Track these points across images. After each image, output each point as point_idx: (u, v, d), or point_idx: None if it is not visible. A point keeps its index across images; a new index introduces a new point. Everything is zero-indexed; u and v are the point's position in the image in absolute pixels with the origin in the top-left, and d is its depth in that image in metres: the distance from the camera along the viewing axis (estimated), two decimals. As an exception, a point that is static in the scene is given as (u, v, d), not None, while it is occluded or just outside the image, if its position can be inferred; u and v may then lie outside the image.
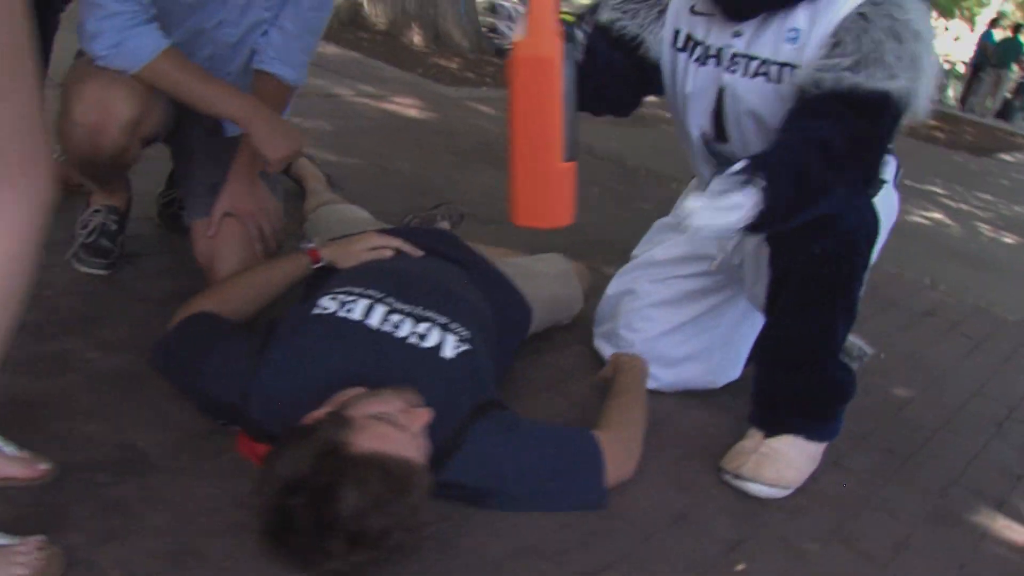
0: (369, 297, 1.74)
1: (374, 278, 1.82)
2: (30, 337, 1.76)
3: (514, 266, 2.29)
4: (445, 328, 1.73)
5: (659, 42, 2.01)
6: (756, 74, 1.87)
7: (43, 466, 1.45)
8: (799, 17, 1.80)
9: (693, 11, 1.94)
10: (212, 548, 1.41)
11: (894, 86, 1.70)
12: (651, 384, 2.11)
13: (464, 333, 1.74)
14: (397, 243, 2.00)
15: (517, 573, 1.53)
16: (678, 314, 2.23)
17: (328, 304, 1.72)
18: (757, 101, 1.88)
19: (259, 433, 1.58)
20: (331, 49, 5.70)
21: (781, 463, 1.94)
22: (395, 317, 1.71)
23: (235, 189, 2.07)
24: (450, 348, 1.70)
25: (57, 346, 1.79)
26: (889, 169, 2.03)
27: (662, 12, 2.00)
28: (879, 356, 2.59)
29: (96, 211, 2.15)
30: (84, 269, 2.10)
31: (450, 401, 1.63)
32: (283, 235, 2.16)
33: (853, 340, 2.33)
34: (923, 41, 1.73)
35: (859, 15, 1.74)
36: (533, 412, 1.94)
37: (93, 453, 1.54)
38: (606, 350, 2.28)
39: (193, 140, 2.15)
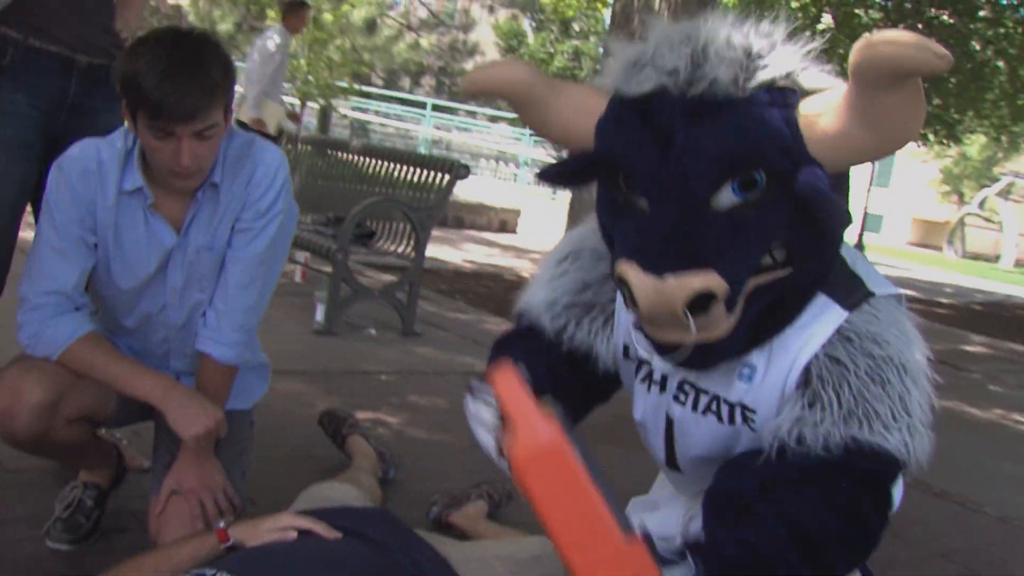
0: (213, 578, 1.67)
1: (240, 562, 1.76)
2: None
3: (473, 550, 2.13)
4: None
5: (611, 352, 1.77)
6: (706, 410, 1.61)
7: None
8: (752, 355, 1.53)
9: (636, 325, 1.59)
10: None
11: (892, 443, 1.41)
12: None
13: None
14: (307, 524, 1.92)
15: None
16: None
17: (171, 585, 1.67)
18: (708, 443, 1.63)
19: None
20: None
21: None
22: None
23: (180, 466, 2.10)
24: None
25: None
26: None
27: (608, 319, 1.76)
28: None
29: (74, 487, 2.27)
30: (51, 544, 2.18)
31: None
32: (236, 510, 2.15)
33: None
34: (910, 373, 1.44)
35: (831, 359, 1.44)
36: None
37: None
38: None
39: (160, 419, 2.24)
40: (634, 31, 4.65)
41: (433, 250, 6.45)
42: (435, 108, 22.65)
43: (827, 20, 11.24)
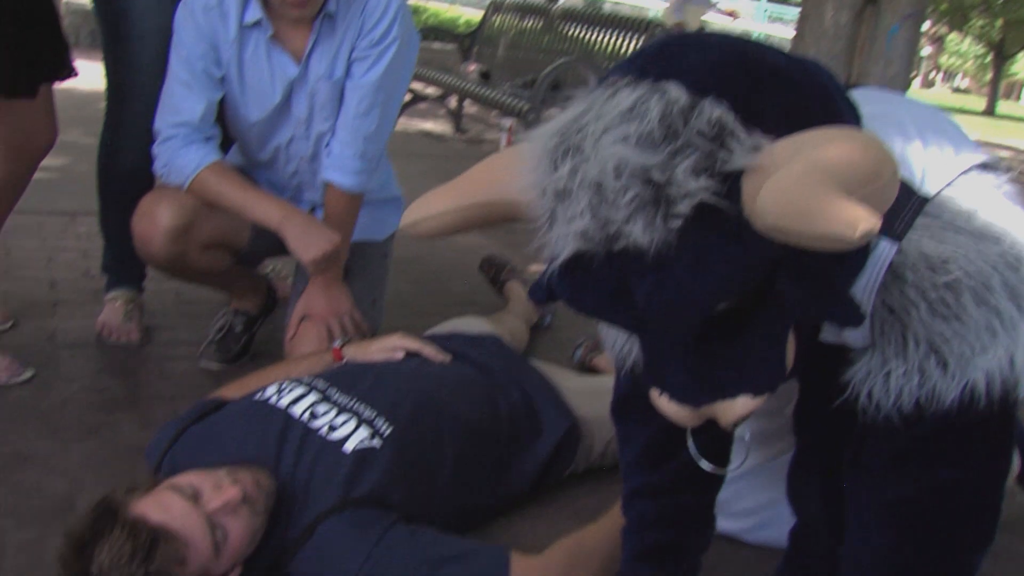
0: (309, 386, 1.73)
1: (338, 371, 1.82)
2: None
3: (589, 383, 2.10)
4: (365, 422, 1.65)
5: None
6: None
7: None
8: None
9: None
10: None
11: (981, 376, 1.13)
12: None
13: (385, 430, 1.64)
14: (415, 345, 1.95)
15: None
16: (749, 457, 1.82)
17: (269, 390, 1.74)
18: None
19: None
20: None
21: None
22: (321, 407, 1.68)
23: (309, 294, 2.19)
24: (354, 442, 1.61)
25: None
26: None
27: None
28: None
29: (225, 313, 2.41)
30: (203, 364, 2.35)
31: (321, 492, 1.54)
32: (363, 336, 2.22)
33: None
34: (995, 289, 1.12)
35: (886, 308, 1.18)
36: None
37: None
38: None
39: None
40: None
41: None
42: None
43: None
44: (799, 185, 0.86)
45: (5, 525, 1.66)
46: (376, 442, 1.62)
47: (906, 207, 1.16)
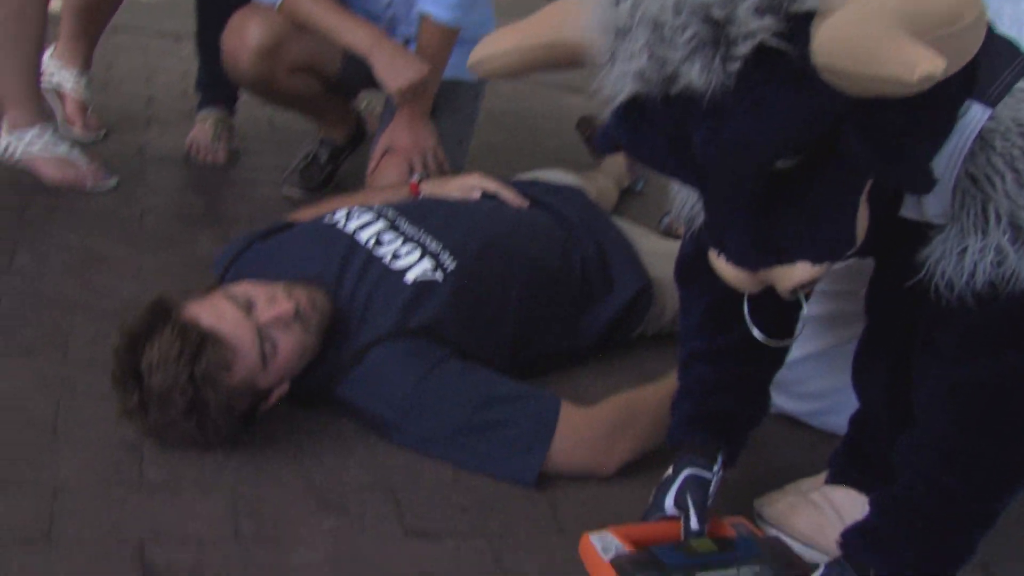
0: (378, 214, 1.69)
1: (410, 204, 1.78)
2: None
3: (669, 246, 2.01)
4: (430, 255, 1.61)
5: None
6: None
7: None
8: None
9: None
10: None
11: None
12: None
13: (449, 265, 1.60)
14: (493, 186, 1.89)
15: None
16: (818, 339, 1.72)
17: (339, 214, 1.71)
18: None
19: None
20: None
21: (828, 516, 1.42)
22: (387, 235, 1.64)
23: (394, 127, 2.13)
24: (416, 273, 1.57)
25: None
26: None
27: None
28: None
29: (313, 141, 2.38)
30: (284, 191, 2.33)
31: (377, 318, 1.52)
32: (444, 173, 2.16)
33: None
34: None
35: (969, 177, 1.07)
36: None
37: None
38: None
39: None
40: None
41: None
42: None
43: None
44: (862, 22, 0.80)
45: (75, 320, 1.69)
46: (438, 275, 1.58)
47: (1007, 69, 1.05)
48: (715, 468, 1.34)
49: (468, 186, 1.90)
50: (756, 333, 1.26)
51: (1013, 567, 1.52)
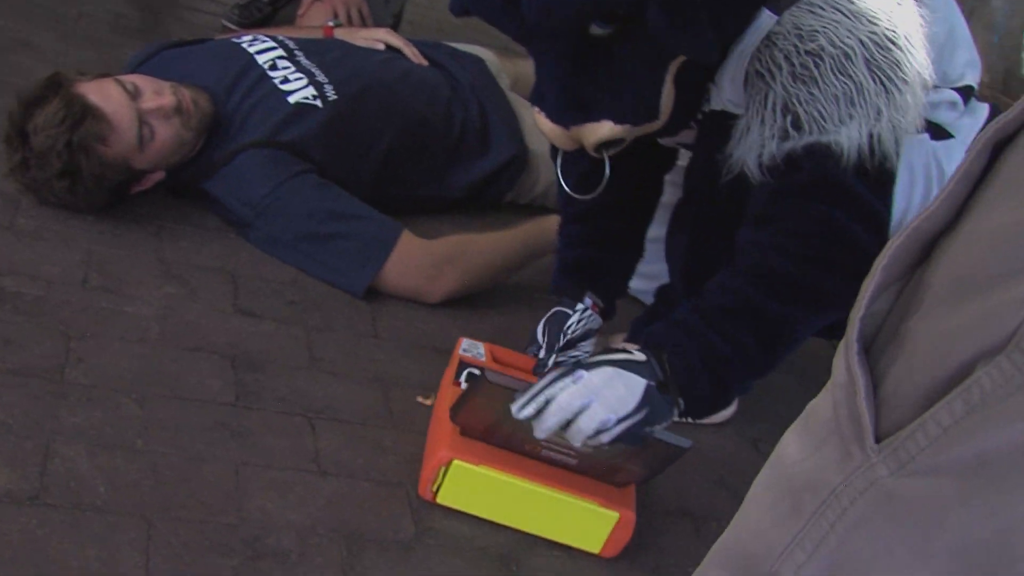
0: (280, 43, 1.84)
1: (313, 40, 1.93)
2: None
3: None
4: (315, 84, 1.77)
5: None
6: None
7: None
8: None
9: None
10: None
11: (835, 139, 1.20)
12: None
13: (331, 96, 1.76)
14: (398, 43, 2.03)
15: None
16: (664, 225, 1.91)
17: (246, 37, 1.86)
18: None
19: None
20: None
21: None
22: (283, 63, 1.79)
23: (329, -24, 2.27)
24: (299, 96, 1.73)
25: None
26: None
27: None
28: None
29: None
30: (223, 23, 2.45)
31: (253, 127, 1.69)
32: (365, 23, 2.30)
33: None
34: (856, 58, 1.19)
35: (756, 74, 1.24)
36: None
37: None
38: None
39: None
40: None
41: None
42: None
43: None
44: None
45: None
46: (318, 102, 1.74)
47: None
48: (579, 307, 1.53)
49: (374, 38, 2.04)
50: (564, 186, 1.46)
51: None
